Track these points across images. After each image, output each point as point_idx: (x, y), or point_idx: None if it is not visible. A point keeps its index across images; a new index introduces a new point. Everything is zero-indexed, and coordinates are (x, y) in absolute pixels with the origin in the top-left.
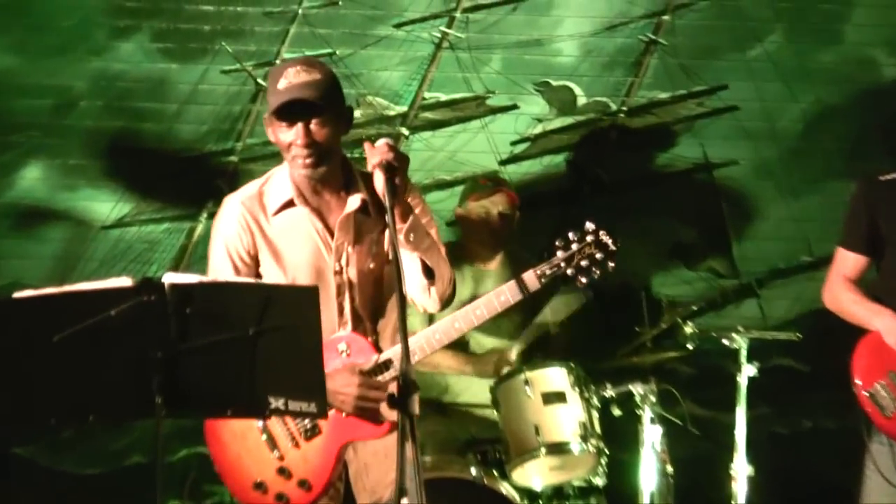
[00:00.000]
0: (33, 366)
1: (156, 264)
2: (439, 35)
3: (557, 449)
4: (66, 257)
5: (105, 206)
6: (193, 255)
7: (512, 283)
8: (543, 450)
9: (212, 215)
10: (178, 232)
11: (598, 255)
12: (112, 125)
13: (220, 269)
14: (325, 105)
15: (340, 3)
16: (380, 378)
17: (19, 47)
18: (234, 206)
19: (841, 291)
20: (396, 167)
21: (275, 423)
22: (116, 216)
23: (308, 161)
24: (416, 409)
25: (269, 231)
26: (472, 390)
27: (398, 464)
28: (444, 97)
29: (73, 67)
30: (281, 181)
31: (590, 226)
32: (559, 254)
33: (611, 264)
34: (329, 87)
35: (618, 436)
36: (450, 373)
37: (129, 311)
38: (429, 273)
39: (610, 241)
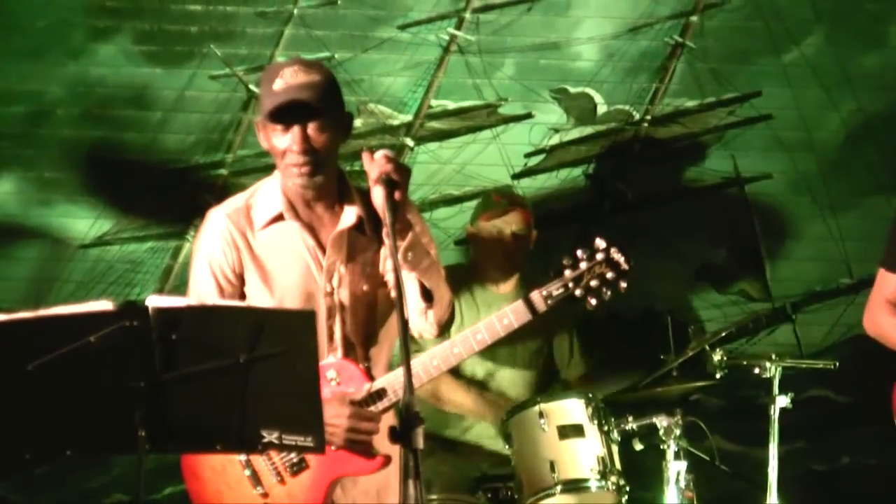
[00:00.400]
0: (6, 396)
1: (139, 286)
2: (447, 37)
3: (574, 486)
4: (41, 279)
5: (83, 223)
6: (180, 276)
7: (516, 304)
8: (559, 487)
9: None
10: (162, 251)
11: (610, 275)
12: (91, 135)
13: (202, 290)
14: (325, 109)
15: (339, 2)
16: (372, 408)
17: None
18: (218, 219)
19: (882, 316)
20: (397, 181)
21: (258, 457)
22: (96, 234)
23: (304, 169)
24: (420, 443)
25: (255, 247)
26: (480, 424)
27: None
28: (452, 105)
29: (48, 72)
30: (270, 193)
31: (600, 243)
32: (567, 273)
33: (623, 284)
34: (329, 90)
35: (640, 472)
36: (468, 414)
37: (110, 337)
38: (427, 295)
39: (622, 260)
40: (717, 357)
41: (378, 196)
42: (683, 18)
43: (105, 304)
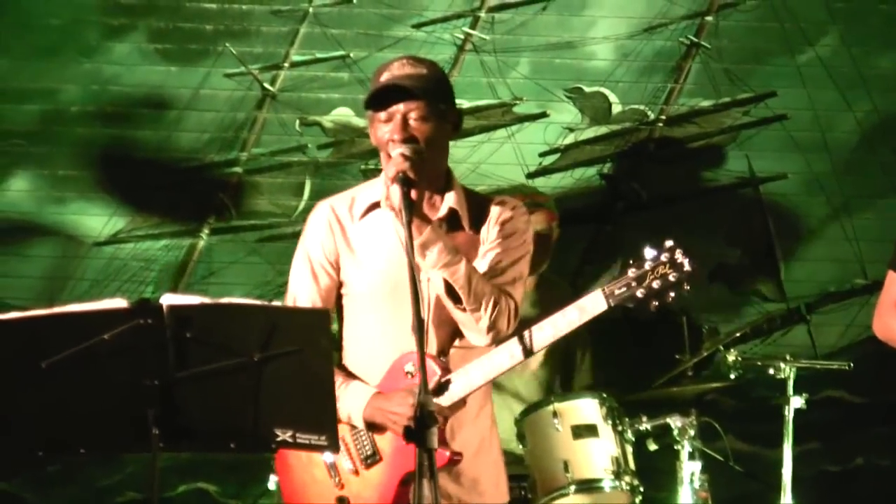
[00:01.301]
0: (20, 394)
1: (153, 284)
2: (462, 36)
3: (588, 486)
4: (55, 276)
5: (98, 220)
6: (194, 274)
7: (585, 299)
8: (573, 487)
9: (214, 231)
10: (176, 249)
11: (673, 277)
12: (105, 133)
13: (295, 281)
14: (426, 97)
15: (355, 1)
16: (437, 401)
17: (3, 48)
18: (322, 209)
19: (893, 319)
20: (414, 179)
21: None
22: (110, 232)
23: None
24: (435, 442)
25: (352, 234)
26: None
27: (414, 502)
28: (467, 104)
29: (63, 70)
30: (375, 185)
31: (668, 243)
32: (630, 272)
33: (686, 287)
34: (434, 82)
35: (654, 473)
36: None
37: (124, 335)
38: (454, 297)
39: (686, 262)
40: (731, 357)
41: (395, 194)
42: (698, 18)
43: (119, 302)
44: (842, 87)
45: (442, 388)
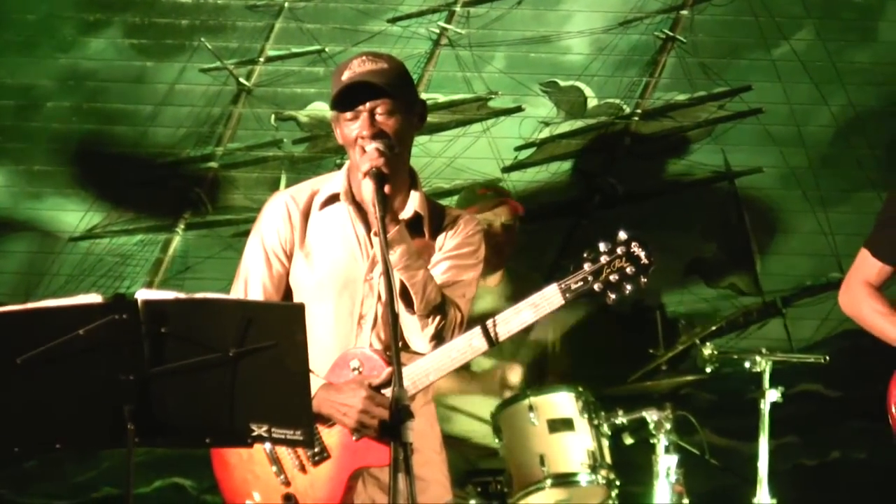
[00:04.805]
0: None
1: (128, 279)
2: (438, 31)
3: (564, 480)
4: (30, 272)
5: (73, 215)
6: (169, 269)
7: (539, 294)
8: (549, 481)
9: (189, 226)
10: (152, 244)
11: (630, 270)
12: (81, 128)
13: (250, 265)
14: (392, 91)
15: None
16: (387, 393)
17: None
18: (280, 198)
19: (863, 298)
20: (387, 174)
21: (282, 446)
22: (86, 227)
23: (377, 153)
24: (410, 437)
25: (310, 226)
26: (473, 414)
27: (390, 497)
28: (442, 98)
29: (39, 65)
30: (334, 177)
31: (622, 235)
32: (586, 266)
33: (643, 280)
34: (397, 76)
35: (630, 466)
36: (451, 394)
37: (100, 331)
38: (407, 300)
39: (643, 254)
40: (707, 351)
41: (367, 189)
42: (674, 13)
43: (94, 298)
44: (817, 81)
45: (389, 383)
